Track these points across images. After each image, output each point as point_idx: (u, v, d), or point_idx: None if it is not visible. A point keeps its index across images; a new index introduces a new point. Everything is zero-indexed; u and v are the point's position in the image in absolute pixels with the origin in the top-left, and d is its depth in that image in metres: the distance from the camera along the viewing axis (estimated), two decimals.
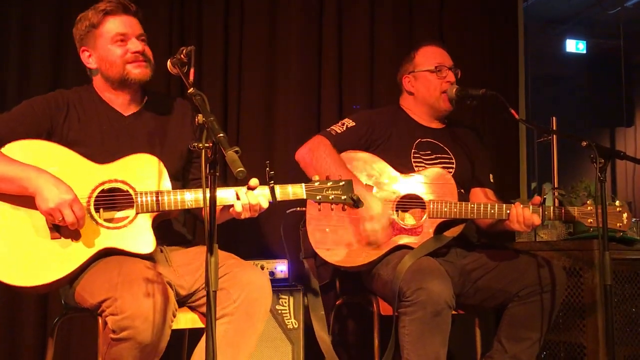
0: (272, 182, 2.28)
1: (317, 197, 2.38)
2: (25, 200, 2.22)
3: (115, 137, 2.46)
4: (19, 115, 2.40)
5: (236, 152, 1.76)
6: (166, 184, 2.35)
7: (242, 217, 2.32)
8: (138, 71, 2.45)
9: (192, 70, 2.16)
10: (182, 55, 2.27)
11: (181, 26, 3.59)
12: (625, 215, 2.73)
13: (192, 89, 2.03)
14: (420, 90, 3.09)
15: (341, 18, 3.86)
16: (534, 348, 2.78)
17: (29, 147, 2.30)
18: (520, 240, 3.61)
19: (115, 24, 2.45)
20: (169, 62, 2.39)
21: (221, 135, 1.80)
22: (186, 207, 2.33)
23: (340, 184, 2.38)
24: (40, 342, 3.22)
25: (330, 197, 2.37)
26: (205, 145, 1.82)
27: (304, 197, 2.38)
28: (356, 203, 2.37)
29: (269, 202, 2.33)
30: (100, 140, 2.43)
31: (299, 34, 3.77)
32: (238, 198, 2.30)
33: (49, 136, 2.39)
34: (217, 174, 1.85)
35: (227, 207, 2.34)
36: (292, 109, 3.72)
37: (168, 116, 2.58)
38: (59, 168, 2.25)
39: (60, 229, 2.23)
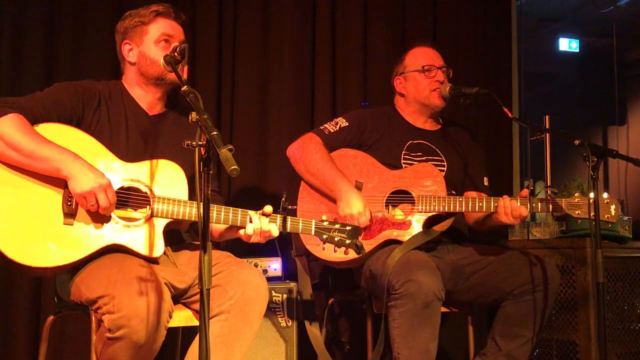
0: (286, 212, 2.39)
1: (324, 236, 2.45)
2: (45, 182, 2.23)
3: (139, 136, 2.49)
4: (53, 97, 2.39)
5: (230, 150, 1.76)
6: (184, 194, 2.38)
7: (252, 240, 2.37)
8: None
9: (185, 68, 2.17)
10: (175, 53, 2.27)
11: None
12: (613, 207, 2.74)
13: (185, 86, 2.03)
14: (410, 90, 3.11)
15: (334, 15, 3.86)
16: (528, 346, 2.79)
17: (60, 132, 2.32)
18: (513, 238, 3.62)
19: (163, 25, 2.51)
20: (162, 60, 2.40)
21: (214, 133, 1.80)
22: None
23: (347, 228, 2.45)
24: (33, 340, 3.21)
25: (336, 239, 2.44)
26: (199, 143, 1.82)
27: (313, 233, 2.45)
28: (359, 250, 2.44)
29: (279, 232, 2.40)
30: (125, 137, 2.46)
31: (292, 30, 3.78)
32: (251, 221, 2.33)
33: (78, 124, 2.41)
34: (211, 171, 1.85)
35: (236, 228, 2.39)
36: (286, 106, 3.72)
37: (188, 124, 2.59)
38: (84, 157, 2.26)
39: (75, 217, 2.23)
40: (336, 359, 3.57)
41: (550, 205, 2.77)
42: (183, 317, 2.43)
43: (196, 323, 2.41)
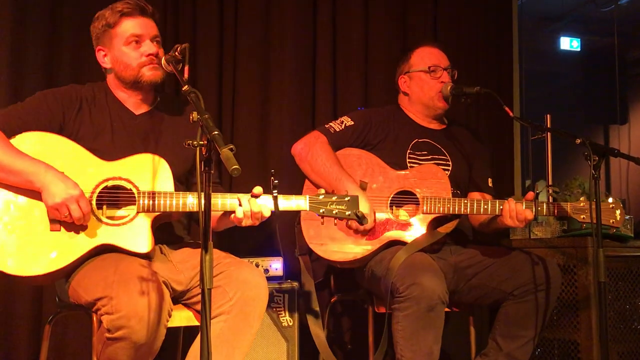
0: (276, 191, 2.31)
1: (320, 210, 2.38)
2: (27, 191, 2.24)
3: (125, 135, 2.48)
4: (32, 107, 2.40)
5: (231, 149, 1.75)
6: (170, 186, 2.36)
7: (243, 224, 2.34)
8: (151, 73, 2.47)
9: (186, 68, 2.17)
10: (176, 53, 2.27)
11: (175, 22, 3.58)
12: (618, 211, 2.74)
13: (186, 86, 2.03)
14: (414, 90, 3.09)
15: (335, 13, 3.86)
16: (529, 346, 2.78)
17: (38, 140, 2.32)
18: (515, 237, 3.62)
19: (130, 25, 2.46)
20: (163, 59, 2.39)
21: (216, 132, 1.80)
22: (187, 210, 2.34)
23: (346, 199, 2.39)
24: (34, 340, 3.21)
25: (334, 212, 2.38)
26: (200, 143, 1.81)
27: (307, 209, 2.39)
28: (360, 220, 2.38)
29: (272, 212, 2.35)
30: (110, 138, 2.45)
31: (293, 28, 3.77)
32: (240, 204, 2.31)
33: (60, 130, 2.40)
34: (212, 171, 1.85)
35: (228, 213, 2.36)
36: (287, 105, 3.72)
37: (178, 118, 2.59)
38: (64, 162, 2.27)
39: (61, 222, 2.24)
40: (338, 359, 3.56)
41: (556, 210, 2.76)
42: (184, 317, 2.43)
43: (197, 323, 2.40)
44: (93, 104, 2.49)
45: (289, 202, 2.39)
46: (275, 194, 2.33)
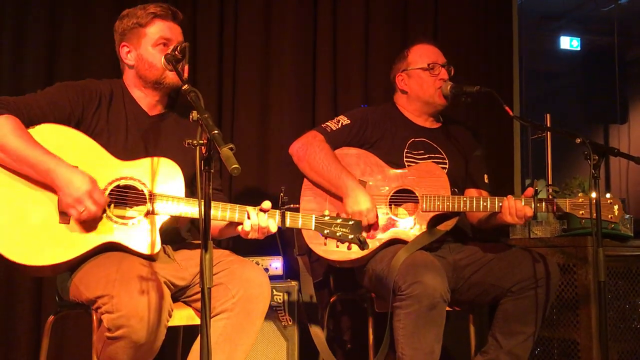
0: (285, 207, 2.34)
1: (325, 231, 2.40)
2: (38, 181, 2.23)
3: (138, 135, 2.48)
4: (53, 98, 2.38)
5: (231, 149, 1.75)
6: (181, 191, 2.37)
7: (249, 237, 2.35)
8: (173, 75, 2.46)
9: (186, 67, 2.17)
10: (176, 52, 2.27)
11: None
12: (616, 207, 2.74)
13: (186, 85, 2.04)
14: (413, 88, 3.09)
15: (336, 13, 3.86)
16: (529, 342, 2.78)
17: (56, 133, 2.32)
18: (514, 237, 3.62)
19: (161, 28, 2.48)
20: (162, 59, 2.39)
21: (216, 131, 1.80)
22: (197, 217, 2.35)
23: (350, 222, 2.41)
24: (34, 340, 3.21)
25: (338, 234, 2.40)
26: (200, 142, 1.81)
27: (313, 228, 2.41)
28: (362, 245, 2.40)
29: (278, 227, 2.37)
30: (124, 137, 2.46)
31: (293, 28, 3.77)
32: (248, 217, 2.32)
33: (77, 124, 2.40)
34: (212, 170, 1.85)
35: (235, 224, 2.37)
36: (287, 105, 3.72)
37: (189, 122, 2.59)
38: (80, 157, 2.27)
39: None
40: (337, 358, 3.57)
41: (555, 206, 2.76)
42: (184, 316, 2.43)
43: (197, 322, 2.40)
44: (110, 101, 2.50)
45: (295, 220, 2.41)
46: (283, 210, 2.36)
